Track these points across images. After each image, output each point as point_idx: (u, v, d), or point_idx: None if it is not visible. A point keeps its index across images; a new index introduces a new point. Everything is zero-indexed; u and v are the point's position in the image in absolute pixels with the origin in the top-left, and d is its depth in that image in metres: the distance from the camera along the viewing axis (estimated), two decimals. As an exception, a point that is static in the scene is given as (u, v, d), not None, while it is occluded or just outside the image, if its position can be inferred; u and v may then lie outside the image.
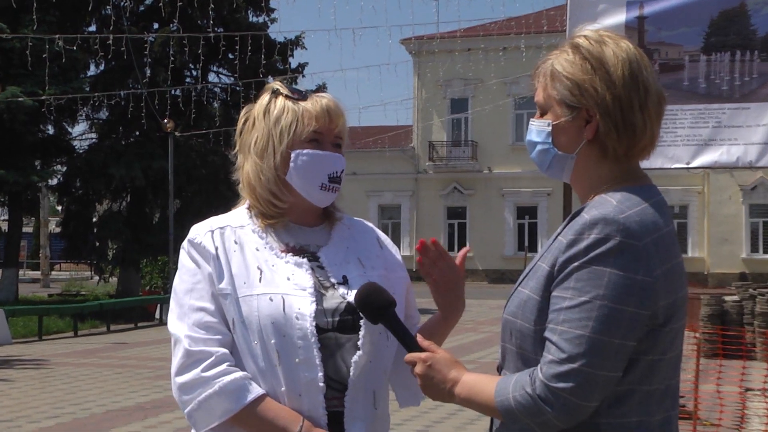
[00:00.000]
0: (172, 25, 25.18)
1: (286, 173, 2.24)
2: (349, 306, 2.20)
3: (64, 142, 26.83)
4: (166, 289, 23.09)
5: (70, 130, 27.43)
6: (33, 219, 42.96)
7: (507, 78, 36.92)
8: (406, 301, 2.35)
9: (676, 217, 36.86)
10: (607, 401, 1.86)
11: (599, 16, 5.29)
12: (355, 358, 2.18)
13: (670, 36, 5.35)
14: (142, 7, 27.08)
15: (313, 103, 2.25)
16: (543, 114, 2.02)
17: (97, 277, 30.32)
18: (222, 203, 22.21)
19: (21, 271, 34.96)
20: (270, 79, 23.69)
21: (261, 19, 27.84)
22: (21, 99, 22.30)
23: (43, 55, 21.14)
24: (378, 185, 42.03)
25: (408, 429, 8.67)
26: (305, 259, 2.25)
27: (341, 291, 2.22)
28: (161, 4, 21.08)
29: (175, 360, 2.19)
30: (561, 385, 1.82)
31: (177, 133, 24.27)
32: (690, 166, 5.33)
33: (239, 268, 2.21)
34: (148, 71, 25.63)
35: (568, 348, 1.82)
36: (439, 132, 41.92)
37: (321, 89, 2.50)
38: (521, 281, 2.00)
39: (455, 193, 41.67)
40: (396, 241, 27.37)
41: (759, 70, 5.34)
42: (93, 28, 26.60)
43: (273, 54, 25.52)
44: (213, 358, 2.15)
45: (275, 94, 2.29)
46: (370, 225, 2.43)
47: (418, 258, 2.20)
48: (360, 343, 2.19)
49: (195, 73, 26.80)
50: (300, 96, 2.26)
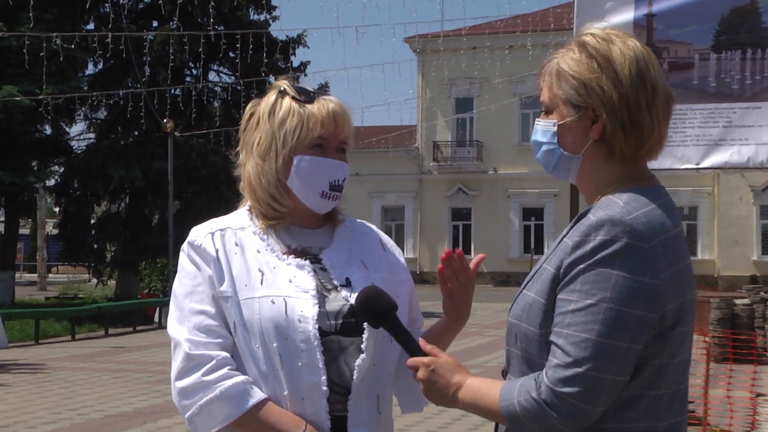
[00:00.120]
0: (171, 23, 25.12)
1: (288, 177, 2.23)
2: (352, 309, 2.19)
3: (61, 143, 26.70)
4: (166, 292, 23.11)
5: (68, 130, 27.37)
6: (30, 220, 43.20)
7: (513, 77, 36.40)
8: (409, 305, 2.34)
9: (686, 218, 36.74)
10: (614, 406, 1.84)
11: (607, 14, 5.25)
12: (359, 361, 2.17)
13: (679, 34, 5.32)
14: (141, 5, 27.08)
15: (319, 107, 2.23)
16: (548, 114, 2.01)
17: (95, 280, 30.34)
18: (223, 204, 22.31)
19: (17, 274, 34.72)
20: (272, 78, 23.71)
21: (262, 17, 27.79)
22: (18, 98, 22.14)
23: (41, 54, 20.94)
24: (381, 186, 41.69)
25: (411, 433, 8.71)
26: (307, 261, 2.24)
27: (344, 293, 2.21)
28: (161, 2, 21.01)
29: (175, 364, 2.18)
30: (567, 389, 1.80)
31: (177, 133, 24.19)
32: (700, 166, 5.29)
33: (240, 271, 2.20)
34: (148, 70, 25.58)
35: (574, 352, 1.80)
36: (443, 132, 41.59)
37: (323, 88, 1.98)
38: (526, 284, 1.99)
39: (460, 194, 41.33)
40: (399, 243, 27.51)
41: None
42: (91, 26, 26.55)
43: (274, 52, 25.47)
44: (214, 362, 2.14)
45: (282, 94, 2.27)
46: (373, 227, 2.42)
47: (440, 267, 2.20)
48: (363, 346, 2.18)
49: (195, 71, 26.73)
50: (307, 98, 2.24)
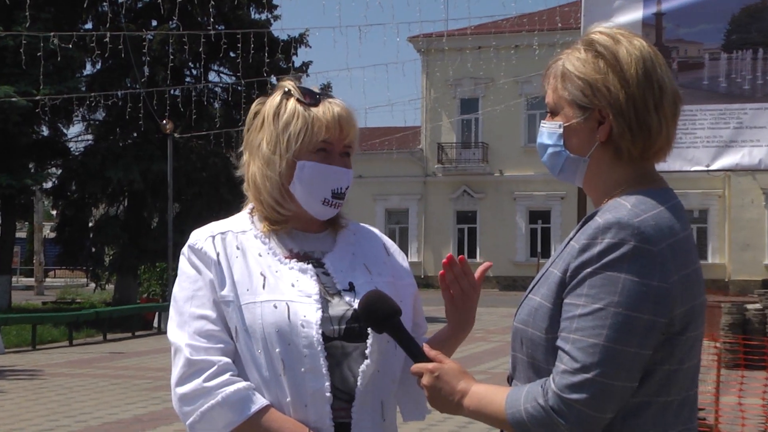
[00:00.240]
0: (171, 22, 25.06)
1: (291, 182, 2.22)
2: (356, 313, 2.17)
3: (59, 144, 26.67)
4: (165, 296, 23.13)
5: (65, 131, 27.35)
6: (27, 224, 43.30)
7: (519, 77, 36.29)
8: (413, 310, 2.33)
9: (696, 221, 36.69)
10: (622, 413, 1.83)
11: (615, 13, 5.21)
12: (363, 367, 2.15)
13: (689, 33, 5.28)
14: (140, 4, 27.06)
15: (324, 111, 2.21)
16: (554, 116, 2.00)
17: (93, 284, 30.23)
18: (223, 207, 22.18)
19: (14, 278, 35.00)
20: (273, 78, 23.66)
21: (264, 16, 27.79)
22: (14, 99, 22.06)
23: (38, 54, 20.88)
24: (385, 188, 41.44)
25: (415, 441, 8.71)
26: (310, 266, 2.23)
27: (347, 298, 2.20)
28: (160, 1, 20.93)
29: (176, 370, 2.16)
30: (574, 396, 1.79)
31: (176, 135, 24.14)
32: (710, 168, 5.24)
33: (242, 275, 2.18)
34: (147, 70, 25.52)
35: (582, 357, 1.79)
36: (448, 133, 41.38)
37: (326, 89, 2.35)
38: (532, 288, 1.99)
39: (465, 197, 41.09)
40: (403, 247, 27.34)
41: None
42: (89, 26, 26.52)
43: (276, 52, 25.43)
44: (215, 368, 2.12)
45: (287, 95, 2.25)
46: (376, 231, 2.41)
47: (441, 272, 2.20)
48: (368, 351, 2.16)
49: (195, 72, 26.72)
50: (312, 100, 2.23)
